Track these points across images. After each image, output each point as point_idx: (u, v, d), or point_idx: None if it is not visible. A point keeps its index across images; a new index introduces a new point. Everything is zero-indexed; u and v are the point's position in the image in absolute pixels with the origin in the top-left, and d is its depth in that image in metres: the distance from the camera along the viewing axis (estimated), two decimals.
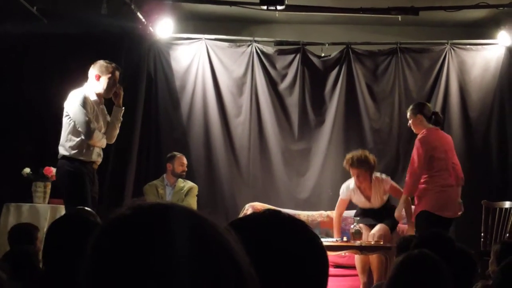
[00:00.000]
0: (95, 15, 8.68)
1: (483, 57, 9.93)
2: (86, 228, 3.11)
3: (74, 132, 6.84)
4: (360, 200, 8.40)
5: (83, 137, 6.81)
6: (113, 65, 7.06)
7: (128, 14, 9.08)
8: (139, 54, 9.70)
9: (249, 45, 10.05)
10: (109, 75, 6.95)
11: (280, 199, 9.77)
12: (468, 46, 9.99)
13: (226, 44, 10.08)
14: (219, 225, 1.11)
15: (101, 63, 7.01)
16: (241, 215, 8.30)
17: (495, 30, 9.75)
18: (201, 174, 9.78)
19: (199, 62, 9.96)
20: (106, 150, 7.42)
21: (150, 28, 9.53)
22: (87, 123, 6.79)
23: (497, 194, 9.31)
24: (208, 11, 9.73)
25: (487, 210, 8.74)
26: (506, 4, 8.90)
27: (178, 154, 9.28)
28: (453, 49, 9.96)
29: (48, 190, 8.16)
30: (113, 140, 7.30)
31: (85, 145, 6.85)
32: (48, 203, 8.11)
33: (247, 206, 9.19)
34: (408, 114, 7.95)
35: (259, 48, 10.04)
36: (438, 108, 9.35)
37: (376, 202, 8.30)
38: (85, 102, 6.81)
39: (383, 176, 8.43)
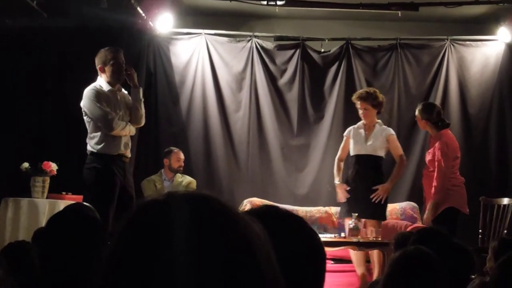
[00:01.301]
0: (95, 9, 8.68)
1: (483, 53, 9.93)
2: (85, 223, 3.11)
3: (95, 128, 6.74)
4: (358, 138, 8.24)
5: (104, 130, 6.70)
6: (112, 49, 6.91)
7: (128, 9, 9.07)
8: (138, 48, 9.69)
9: (248, 40, 10.04)
10: (112, 61, 6.81)
11: (279, 194, 9.77)
12: (467, 42, 9.99)
13: (225, 39, 10.07)
14: (245, 218, 1.14)
15: (101, 52, 6.87)
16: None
17: (495, 26, 9.75)
18: (200, 169, 9.79)
19: (199, 57, 9.95)
20: None
21: (150, 23, 9.53)
22: (104, 116, 6.67)
23: (496, 190, 9.32)
24: (208, 5, 9.72)
25: (485, 206, 8.74)
26: (506, 0, 8.90)
27: (175, 149, 9.29)
28: (452, 45, 9.95)
29: (47, 185, 8.14)
30: (142, 122, 7.17)
31: (109, 138, 6.73)
32: (47, 198, 8.10)
33: (245, 201, 9.19)
34: (416, 111, 8.06)
35: (258, 43, 10.04)
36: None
37: (372, 145, 8.16)
38: (96, 96, 6.69)
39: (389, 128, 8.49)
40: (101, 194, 6.55)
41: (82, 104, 6.79)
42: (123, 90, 7.07)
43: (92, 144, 6.74)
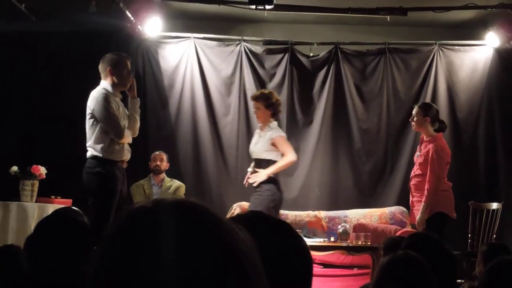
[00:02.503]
0: (84, 13, 8.65)
1: (471, 58, 9.95)
2: (74, 228, 3.11)
3: (103, 133, 6.64)
4: (253, 141, 7.95)
5: (112, 137, 6.65)
6: (124, 55, 6.89)
7: (116, 12, 9.06)
8: (127, 52, 9.62)
9: (237, 44, 10.04)
10: (123, 66, 6.76)
11: None
12: (456, 47, 10.01)
13: (214, 43, 10.07)
14: (233, 226, 1.13)
15: (110, 56, 6.81)
16: (229, 215, 8.28)
17: (483, 31, 9.77)
18: (189, 173, 9.77)
19: (188, 61, 9.94)
20: None
21: (139, 27, 9.51)
22: (117, 124, 6.62)
23: (485, 195, 9.34)
24: (197, 9, 9.72)
25: (475, 211, 8.76)
26: (494, 5, 8.93)
27: (156, 152, 9.34)
28: (441, 49, 9.97)
29: (36, 189, 8.11)
30: (137, 133, 7.09)
31: (116, 145, 6.68)
32: (36, 201, 8.07)
33: (234, 205, 9.17)
34: (414, 111, 7.88)
35: (247, 48, 10.04)
36: None
37: (258, 148, 7.78)
38: (110, 101, 6.60)
39: (280, 129, 8.06)
40: (105, 199, 6.52)
41: (92, 108, 6.67)
42: None
43: (98, 149, 6.64)
